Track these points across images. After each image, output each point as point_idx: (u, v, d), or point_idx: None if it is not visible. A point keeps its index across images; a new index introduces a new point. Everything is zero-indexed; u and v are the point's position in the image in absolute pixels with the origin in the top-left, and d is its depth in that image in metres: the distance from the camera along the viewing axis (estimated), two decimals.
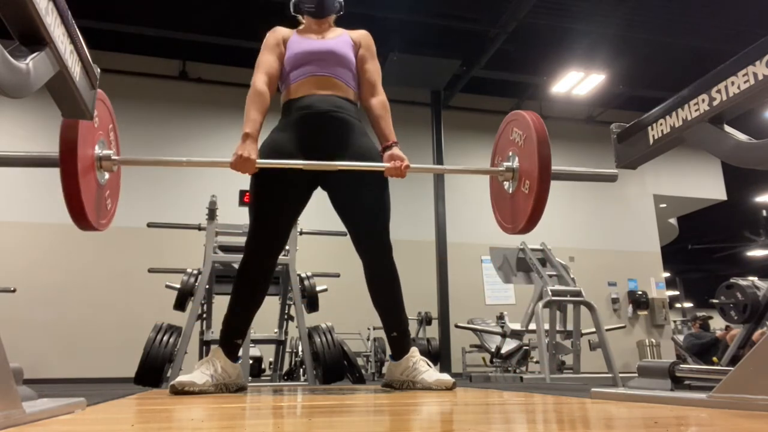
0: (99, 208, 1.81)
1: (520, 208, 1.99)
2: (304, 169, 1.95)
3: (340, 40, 2.19)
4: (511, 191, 2.09)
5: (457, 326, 6.29)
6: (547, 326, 4.22)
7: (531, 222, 1.93)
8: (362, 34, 2.26)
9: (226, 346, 1.97)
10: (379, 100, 2.18)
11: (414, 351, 2.05)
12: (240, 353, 2.05)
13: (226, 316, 2.02)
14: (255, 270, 2.01)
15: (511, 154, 2.08)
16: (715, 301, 4.03)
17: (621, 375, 3.81)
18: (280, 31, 2.19)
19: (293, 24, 2.28)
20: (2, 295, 5.83)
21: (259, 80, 2.08)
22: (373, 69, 2.22)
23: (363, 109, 2.20)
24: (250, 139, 1.95)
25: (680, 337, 8.54)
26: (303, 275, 3.78)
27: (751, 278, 3.96)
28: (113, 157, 1.85)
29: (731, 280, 3.95)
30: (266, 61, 2.12)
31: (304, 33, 2.21)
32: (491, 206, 2.32)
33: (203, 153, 8.17)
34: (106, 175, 1.89)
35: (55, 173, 1.64)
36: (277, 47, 2.15)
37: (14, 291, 5.44)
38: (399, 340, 2.06)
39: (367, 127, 2.16)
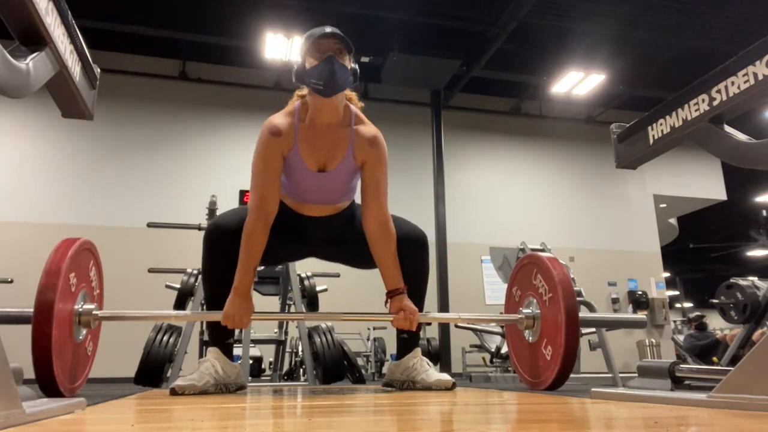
0: (73, 369, 1.67)
1: (543, 366, 1.84)
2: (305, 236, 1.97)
3: (341, 167, 1.89)
4: (531, 341, 1.93)
5: (457, 326, 6.29)
6: None
7: (555, 385, 1.81)
8: (371, 143, 1.90)
9: (220, 346, 1.96)
10: (386, 234, 1.90)
11: (416, 351, 2.05)
12: (240, 353, 2.05)
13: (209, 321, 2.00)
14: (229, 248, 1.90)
15: (531, 299, 1.95)
16: (715, 301, 4.02)
17: (621, 375, 3.81)
18: (279, 139, 1.83)
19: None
20: (2, 295, 5.81)
21: (255, 210, 1.81)
22: (378, 187, 1.91)
23: (362, 224, 1.95)
24: (241, 296, 1.77)
25: (680, 337, 8.54)
26: (303, 275, 3.78)
27: (751, 278, 3.96)
28: (95, 312, 1.72)
29: (731, 280, 3.95)
30: (262, 184, 1.83)
31: (305, 137, 1.85)
32: (509, 353, 2.12)
33: (203, 153, 8.18)
34: (84, 331, 1.75)
35: (55, 172, 1.62)
36: (276, 163, 1.84)
37: (11, 282, 5.42)
38: (407, 342, 2.06)
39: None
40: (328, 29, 1.77)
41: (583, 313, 1.80)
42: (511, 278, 2.15)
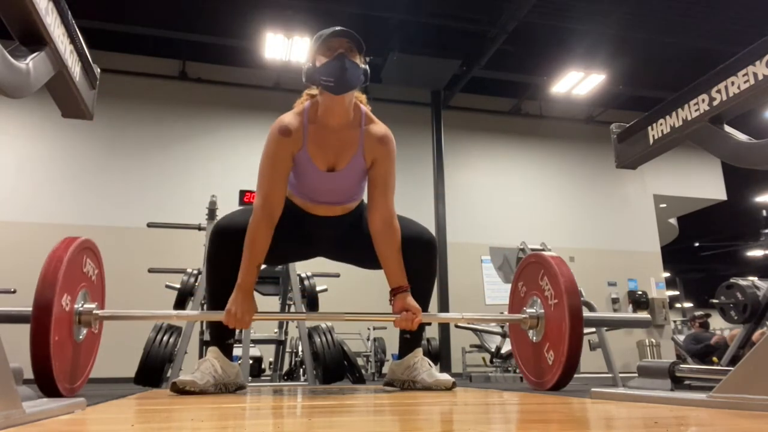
0: (73, 369, 1.65)
1: (547, 366, 1.84)
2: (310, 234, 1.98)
3: (350, 167, 1.88)
4: (534, 340, 1.93)
5: (457, 326, 6.29)
6: None
7: (560, 384, 1.80)
8: (381, 142, 1.89)
9: (220, 346, 1.96)
10: (391, 232, 1.88)
11: (417, 351, 2.05)
12: (240, 353, 2.05)
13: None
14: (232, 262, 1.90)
15: (535, 299, 1.95)
16: (715, 301, 4.02)
17: (621, 375, 3.80)
18: (288, 139, 1.82)
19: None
20: (2, 296, 5.81)
21: (260, 208, 1.79)
22: (386, 186, 1.90)
23: (369, 228, 1.93)
24: (243, 294, 1.76)
25: (680, 337, 8.53)
26: (303, 275, 3.78)
27: (751, 278, 3.96)
28: (95, 312, 1.70)
29: (731, 280, 3.95)
30: (269, 183, 1.82)
31: (314, 138, 1.84)
32: (513, 352, 2.12)
33: (203, 153, 8.18)
34: (84, 331, 1.73)
35: (55, 172, 1.61)
36: (285, 163, 1.83)
37: (14, 292, 5.42)
38: (409, 341, 2.06)
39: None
40: (339, 28, 1.77)
41: (586, 313, 1.78)
42: (516, 274, 2.14)
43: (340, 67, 1.71)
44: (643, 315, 1.99)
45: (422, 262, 1.99)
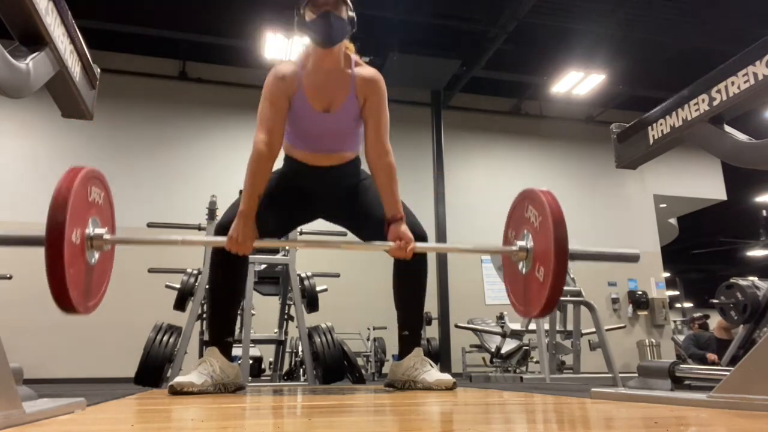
0: (87, 290, 1.70)
1: (534, 293, 1.86)
2: (311, 198, 2.05)
3: (345, 108, 1.95)
4: (524, 272, 1.95)
5: (457, 326, 6.29)
6: (547, 326, 4.22)
7: (545, 310, 1.80)
8: (371, 81, 1.97)
9: (219, 345, 1.96)
10: (385, 164, 1.96)
11: (418, 351, 2.06)
12: (240, 353, 2.05)
13: (210, 316, 2.04)
14: (235, 259, 1.93)
15: (525, 232, 1.96)
16: (715, 301, 4.02)
17: (621, 375, 3.81)
18: (285, 82, 1.92)
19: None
20: (2, 295, 5.83)
21: (261, 142, 1.88)
22: (378, 121, 1.98)
23: (367, 163, 2.04)
24: (245, 219, 1.82)
25: (680, 337, 8.53)
26: (303, 275, 3.78)
27: (751, 278, 3.95)
28: (105, 237, 1.74)
29: (731, 280, 3.94)
30: (269, 118, 1.91)
31: (309, 82, 1.93)
32: (504, 286, 2.14)
33: (203, 153, 8.17)
34: (97, 255, 1.77)
35: (55, 172, 1.61)
36: (282, 102, 1.92)
37: (10, 278, 5.40)
38: (409, 340, 2.07)
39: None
40: None
41: (574, 246, 1.80)
42: (507, 219, 2.14)
43: (327, 24, 1.81)
44: (632, 250, 2.01)
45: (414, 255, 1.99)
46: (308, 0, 1.84)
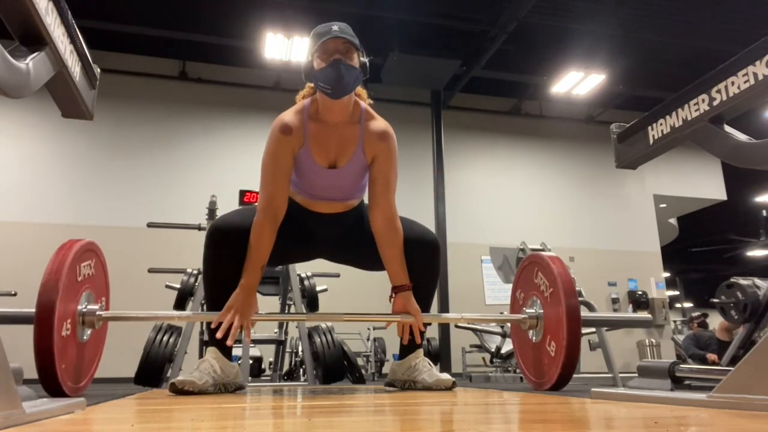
0: (77, 369, 1.66)
1: (546, 367, 1.83)
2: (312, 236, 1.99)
3: (351, 163, 1.87)
4: (534, 340, 1.92)
5: (457, 326, 6.29)
6: None
7: (558, 386, 1.78)
8: (381, 138, 1.87)
9: (219, 346, 1.95)
10: (393, 236, 1.87)
11: (418, 351, 2.05)
12: (240, 353, 2.05)
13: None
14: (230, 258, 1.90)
15: (534, 299, 1.94)
16: (715, 300, 4.02)
17: (621, 375, 3.81)
18: (290, 137, 1.82)
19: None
20: (6, 306, 5.78)
21: (263, 211, 1.80)
22: (386, 183, 1.88)
23: (371, 226, 1.93)
24: (246, 293, 1.76)
25: (680, 337, 8.53)
26: (303, 275, 3.78)
27: (751, 278, 3.95)
28: (99, 313, 1.71)
29: (731, 280, 3.94)
30: (271, 182, 1.82)
31: (314, 135, 1.84)
32: (515, 355, 2.11)
33: (203, 153, 8.18)
34: (89, 332, 1.74)
35: (55, 172, 1.60)
36: (286, 159, 1.83)
37: (15, 294, 5.42)
38: (410, 340, 2.06)
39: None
40: (336, 27, 1.76)
41: (586, 313, 1.78)
42: (515, 281, 2.14)
43: (337, 74, 1.71)
44: (644, 315, 1.98)
45: (425, 263, 1.99)
46: (317, 47, 1.74)
